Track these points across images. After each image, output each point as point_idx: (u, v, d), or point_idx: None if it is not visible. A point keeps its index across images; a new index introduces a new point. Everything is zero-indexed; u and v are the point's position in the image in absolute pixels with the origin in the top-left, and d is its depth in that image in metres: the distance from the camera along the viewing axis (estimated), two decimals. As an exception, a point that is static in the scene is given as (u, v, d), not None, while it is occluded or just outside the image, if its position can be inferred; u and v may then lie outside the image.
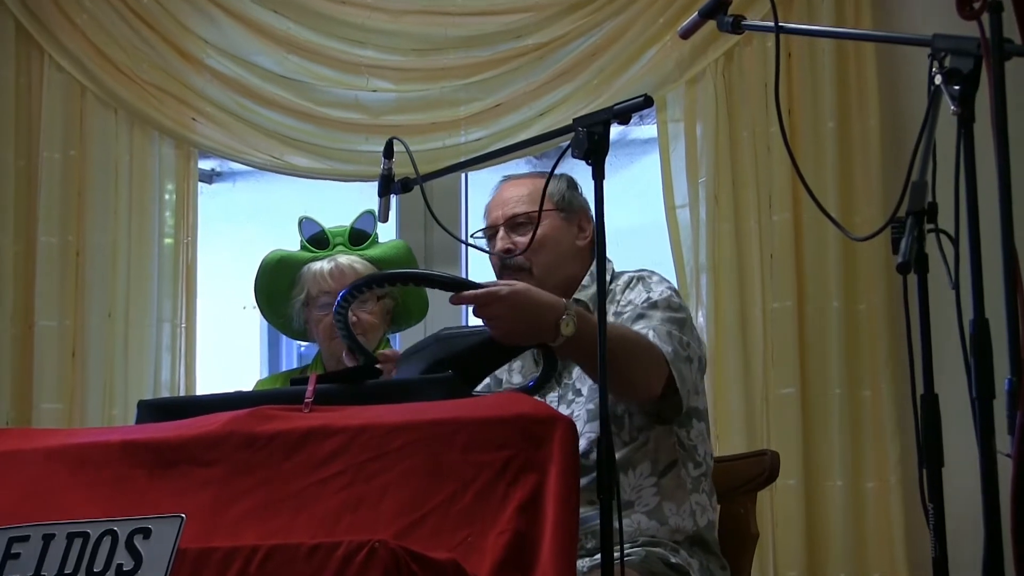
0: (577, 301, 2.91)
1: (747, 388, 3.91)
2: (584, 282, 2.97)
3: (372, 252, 3.45)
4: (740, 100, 4.03)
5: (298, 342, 3.98)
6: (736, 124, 4.03)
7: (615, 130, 2.44)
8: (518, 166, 4.12)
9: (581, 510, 2.47)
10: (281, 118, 4.27)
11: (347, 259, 3.42)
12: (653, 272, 2.98)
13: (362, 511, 2.08)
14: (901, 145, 3.93)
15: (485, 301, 2.53)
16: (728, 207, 3.99)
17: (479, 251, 3.08)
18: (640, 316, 2.82)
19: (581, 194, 3.06)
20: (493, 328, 2.55)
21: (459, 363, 2.55)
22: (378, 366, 2.54)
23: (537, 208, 2.81)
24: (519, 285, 2.58)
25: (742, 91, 4.03)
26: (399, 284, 2.81)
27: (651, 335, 2.74)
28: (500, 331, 2.55)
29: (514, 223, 2.98)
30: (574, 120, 2.46)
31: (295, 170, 4.29)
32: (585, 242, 3.00)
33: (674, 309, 2.84)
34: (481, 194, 3.19)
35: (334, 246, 3.46)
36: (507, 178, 3.13)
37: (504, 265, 2.95)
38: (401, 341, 3.91)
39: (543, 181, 2.85)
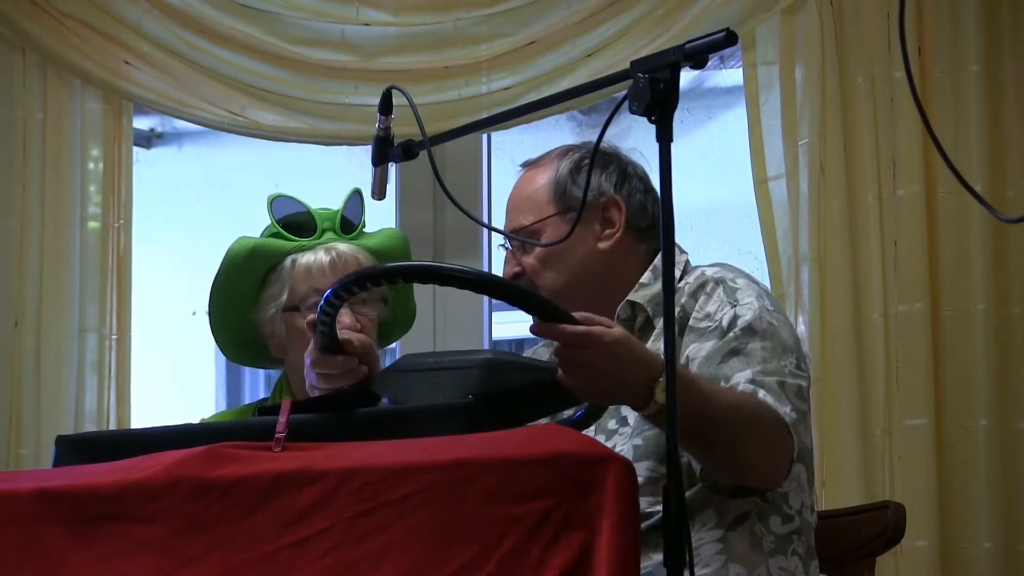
0: (633, 305, 2.93)
1: (863, 419, 3.91)
2: (644, 279, 2.96)
3: (368, 242, 3.39)
4: (854, 35, 4.03)
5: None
6: (849, 68, 4.03)
7: (687, 76, 2.45)
8: (558, 124, 4.12)
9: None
10: (243, 61, 4.29)
11: (349, 248, 3.35)
12: (732, 269, 2.96)
13: (352, 583, 2.09)
14: (1070, 95, 3.94)
15: (583, 343, 2.49)
16: (838, 178, 3.99)
17: (511, 239, 3.05)
18: (734, 352, 2.78)
19: (596, 171, 2.98)
20: (573, 376, 2.51)
21: (504, 403, 2.50)
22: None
23: (541, 214, 2.92)
24: (620, 331, 2.54)
25: (857, 23, 4.03)
26: (455, 286, 2.68)
27: (763, 394, 2.71)
28: (581, 382, 2.52)
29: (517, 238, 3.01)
30: (632, 63, 2.45)
31: (261, 130, 4.30)
32: (612, 241, 2.99)
33: (773, 331, 2.81)
34: (508, 162, 3.17)
35: (322, 232, 3.39)
36: (524, 165, 3.10)
37: None
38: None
39: (555, 167, 2.95)
